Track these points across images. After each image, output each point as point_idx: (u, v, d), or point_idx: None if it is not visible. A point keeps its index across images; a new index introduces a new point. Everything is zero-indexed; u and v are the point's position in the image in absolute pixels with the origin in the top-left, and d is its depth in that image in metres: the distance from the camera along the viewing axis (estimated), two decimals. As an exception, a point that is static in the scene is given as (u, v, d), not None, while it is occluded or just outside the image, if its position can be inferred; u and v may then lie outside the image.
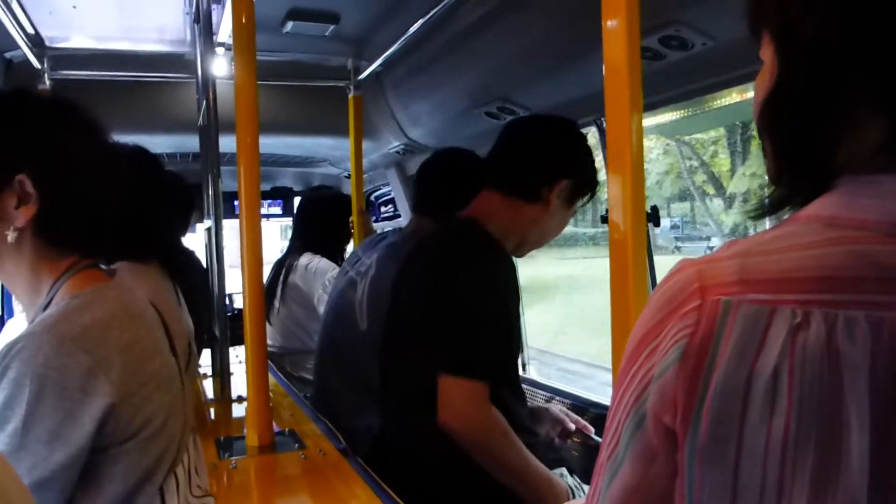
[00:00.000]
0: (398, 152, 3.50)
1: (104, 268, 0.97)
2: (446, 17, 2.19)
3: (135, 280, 1.04)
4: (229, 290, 2.71)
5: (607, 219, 1.14)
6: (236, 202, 1.70)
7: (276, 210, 5.05)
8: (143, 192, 1.08)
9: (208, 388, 2.27)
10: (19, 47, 2.45)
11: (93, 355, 0.84)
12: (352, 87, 3.01)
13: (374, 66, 2.76)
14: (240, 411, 2.02)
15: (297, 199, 4.82)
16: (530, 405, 1.70)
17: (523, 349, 3.10)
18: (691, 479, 0.52)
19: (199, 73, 2.18)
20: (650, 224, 2.01)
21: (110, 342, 0.87)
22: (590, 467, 0.63)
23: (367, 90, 3.08)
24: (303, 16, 2.44)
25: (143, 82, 3.01)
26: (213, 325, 2.18)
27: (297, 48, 2.78)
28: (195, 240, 2.48)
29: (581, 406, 2.38)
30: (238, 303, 4.01)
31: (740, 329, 0.49)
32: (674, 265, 0.57)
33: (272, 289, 2.93)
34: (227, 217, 2.23)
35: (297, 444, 1.70)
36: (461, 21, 2.25)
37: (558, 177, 1.53)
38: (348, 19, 2.51)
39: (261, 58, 1.71)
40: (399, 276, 1.63)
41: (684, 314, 0.52)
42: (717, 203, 17.34)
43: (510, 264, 1.49)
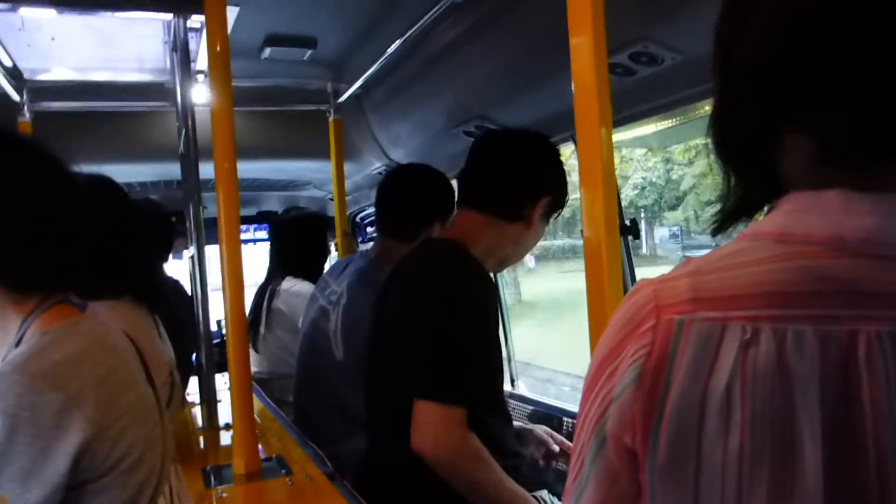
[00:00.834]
0: (380, 173, 3.52)
1: (75, 301, 0.97)
2: (422, 39, 2.21)
3: (109, 313, 1.04)
4: (219, 317, 2.70)
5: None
6: None
7: (263, 234, 5.05)
8: (108, 223, 1.07)
9: (198, 416, 2.25)
10: None
11: (65, 391, 0.84)
12: (332, 110, 3.03)
13: (353, 89, 2.78)
14: (228, 439, 2.01)
15: (282, 224, 4.83)
16: (517, 426, 1.69)
17: (510, 363, 3.10)
18: (653, 499, 0.52)
19: (179, 101, 2.19)
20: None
21: (83, 377, 0.87)
22: None
23: (348, 113, 3.09)
24: (280, 41, 2.46)
25: (123, 112, 3.01)
26: (200, 352, 2.17)
27: (276, 73, 2.79)
28: (182, 267, 2.47)
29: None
30: (226, 329, 3.98)
31: (693, 347, 0.50)
32: (634, 285, 0.57)
33: (257, 315, 2.90)
34: (214, 243, 2.23)
35: (284, 471, 1.69)
36: (437, 41, 2.27)
37: (540, 195, 1.53)
38: (326, 43, 2.53)
39: (240, 84, 1.73)
40: (380, 303, 1.61)
41: (640, 334, 0.52)
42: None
43: (491, 288, 1.47)
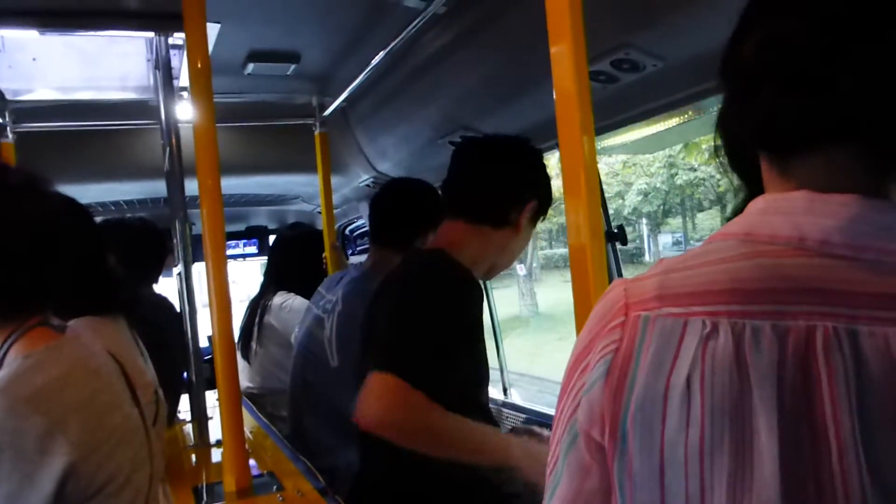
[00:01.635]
0: (368, 185, 3.51)
1: (54, 324, 0.96)
2: (406, 51, 2.21)
3: (91, 333, 1.03)
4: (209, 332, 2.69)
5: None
6: None
7: (252, 249, 5.04)
8: (80, 245, 1.06)
9: (189, 433, 2.24)
10: None
11: (48, 415, 0.83)
12: (318, 123, 3.02)
13: (337, 102, 2.78)
14: (220, 456, 1.99)
15: (271, 238, 4.82)
16: (513, 426, 1.68)
17: (503, 373, 3.09)
18: (622, 493, 0.52)
19: (163, 118, 2.19)
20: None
21: (66, 400, 0.86)
22: None
23: (334, 126, 3.09)
24: (263, 57, 2.45)
25: (107, 130, 3.00)
26: (190, 369, 2.16)
27: (260, 89, 2.79)
28: (170, 284, 2.46)
29: None
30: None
31: (657, 342, 0.51)
32: (610, 284, 0.59)
33: (249, 330, 2.90)
34: (202, 260, 2.22)
35: (275, 487, 1.68)
36: (421, 53, 2.27)
37: (526, 199, 1.52)
38: (309, 58, 2.53)
39: (224, 100, 1.72)
40: (370, 310, 1.61)
41: (609, 330, 0.54)
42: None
43: (474, 293, 1.45)
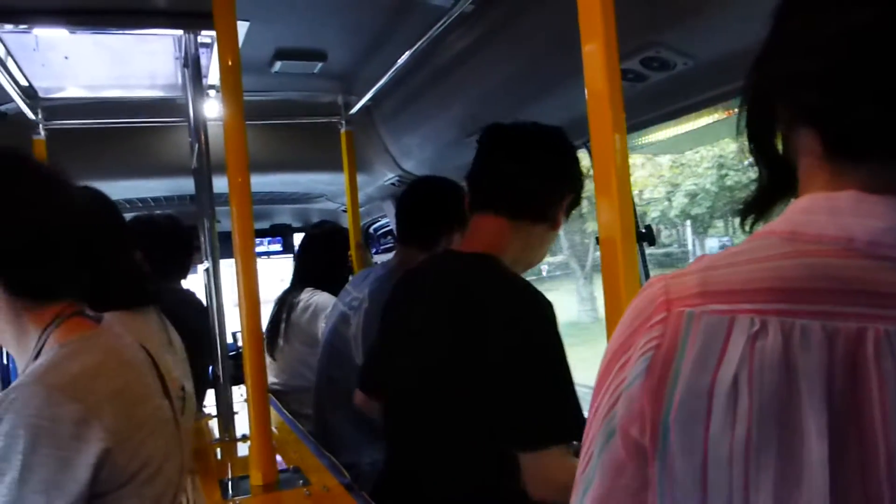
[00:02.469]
0: (393, 184, 3.52)
1: (90, 314, 0.97)
2: (431, 50, 2.21)
3: (123, 326, 1.05)
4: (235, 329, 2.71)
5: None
6: None
7: (276, 247, 5.07)
8: (108, 236, 1.08)
9: (214, 428, 2.26)
10: (13, 100, 2.48)
11: (83, 403, 0.85)
12: (343, 122, 3.04)
13: (363, 101, 2.79)
14: (245, 450, 2.01)
15: (296, 236, 4.83)
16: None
17: None
18: (662, 491, 0.52)
19: (191, 116, 2.21)
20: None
21: (99, 389, 0.88)
22: None
23: (359, 125, 3.10)
24: (290, 55, 2.47)
25: (136, 128, 3.03)
26: (216, 364, 2.18)
27: (287, 87, 2.81)
28: (198, 281, 2.48)
29: None
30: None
31: (702, 339, 0.50)
32: (647, 281, 0.58)
33: (275, 326, 2.92)
34: (229, 257, 2.24)
35: (301, 481, 1.69)
36: (446, 52, 2.28)
37: (566, 192, 1.46)
38: (335, 56, 2.55)
39: (251, 98, 1.73)
40: (395, 303, 1.54)
41: (651, 327, 0.53)
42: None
43: (550, 304, 1.30)
